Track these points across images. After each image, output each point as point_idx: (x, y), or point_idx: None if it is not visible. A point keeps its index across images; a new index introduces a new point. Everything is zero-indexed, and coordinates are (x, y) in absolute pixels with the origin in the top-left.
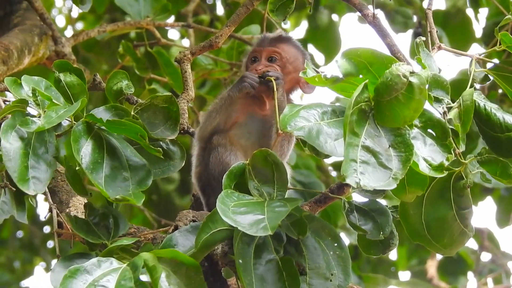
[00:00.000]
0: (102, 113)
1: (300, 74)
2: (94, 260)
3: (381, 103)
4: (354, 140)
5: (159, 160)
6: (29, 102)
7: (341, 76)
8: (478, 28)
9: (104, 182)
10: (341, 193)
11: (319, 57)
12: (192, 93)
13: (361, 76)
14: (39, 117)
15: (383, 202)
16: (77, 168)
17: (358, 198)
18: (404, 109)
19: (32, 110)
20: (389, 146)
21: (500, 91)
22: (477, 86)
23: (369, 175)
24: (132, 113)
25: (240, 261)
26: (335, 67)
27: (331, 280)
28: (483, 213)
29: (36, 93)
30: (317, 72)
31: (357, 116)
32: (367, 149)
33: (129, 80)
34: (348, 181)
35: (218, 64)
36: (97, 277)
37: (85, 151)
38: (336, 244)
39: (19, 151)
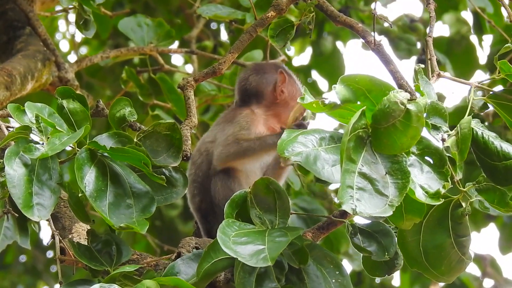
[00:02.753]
0: (105, 140)
1: (298, 100)
2: (97, 285)
3: (379, 130)
4: (350, 166)
5: (162, 187)
6: (32, 128)
7: (339, 102)
8: (483, 55)
9: (108, 210)
10: (344, 219)
11: (323, 83)
12: (195, 120)
13: (359, 102)
14: (43, 143)
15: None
16: (79, 194)
17: (361, 220)
18: (402, 136)
19: (35, 136)
20: (386, 173)
21: None
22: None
23: (365, 201)
24: (135, 140)
25: None
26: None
27: None
28: (486, 239)
29: (39, 120)
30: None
31: (354, 142)
32: (363, 175)
33: (132, 107)
34: (344, 207)
35: (221, 90)
36: None
37: (89, 178)
38: (338, 272)
39: (23, 178)
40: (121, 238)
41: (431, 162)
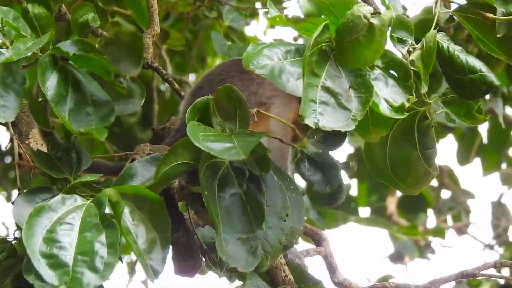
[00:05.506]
0: (68, 47)
1: (262, 14)
2: (58, 197)
3: (342, 44)
4: (313, 80)
5: (120, 97)
6: None
7: (302, 16)
8: None
9: (68, 115)
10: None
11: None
12: (157, 29)
13: (323, 16)
14: (7, 48)
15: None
16: (40, 100)
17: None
18: (365, 50)
19: None
20: (349, 87)
21: (466, 32)
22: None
23: (328, 115)
24: (96, 46)
25: (206, 192)
26: (297, 7)
27: (285, 221)
28: (444, 150)
29: (3, 23)
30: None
31: (317, 56)
32: (327, 89)
33: (95, 13)
34: (306, 121)
35: None
36: (62, 214)
37: (50, 84)
38: (292, 187)
39: None
40: (79, 145)
41: (396, 75)
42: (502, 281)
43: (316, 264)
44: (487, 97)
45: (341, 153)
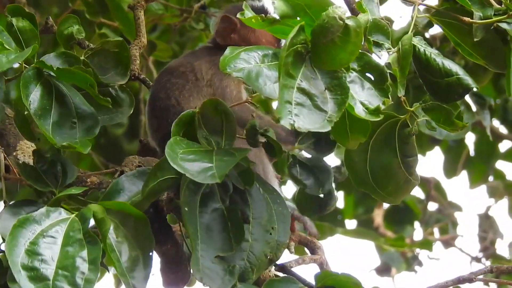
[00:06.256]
0: (52, 60)
1: (238, 15)
2: (43, 209)
3: (318, 46)
4: (289, 82)
5: (107, 107)
6: None
7: (278, 18)
8: None
9: (51, 128)
10: (294, 143)
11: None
12: (144, 40)
13: (298, 18)
14: None
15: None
16: (25, 112)
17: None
18: (341, 52)
19: None
20: (325, 88)
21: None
22: (427, 35)
23: (304, 117)
24: (83, 57)
25: (186, 209)
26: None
27: (271, 234)
28: (431, 163)
29: None
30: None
31: (293, 58)
32: (302, 91)
33: (80, 25)
34: (282, 122)
35: (168, 10)
36: (46, 227)
37: (34, 97)
38: (278, 201)
39: None
40: (66, 157)
41: (372, 78)
42: None
43: (311, 272)
44: (474, 109)
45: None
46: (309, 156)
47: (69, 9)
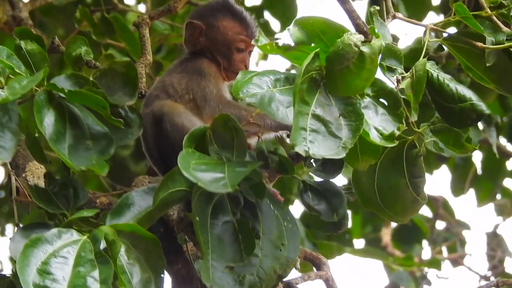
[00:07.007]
0: (62, 82)
1: (252, 42)
2: (54, 230)
3: (333, 72)
4: (304, 108)
5: (118, 128)
6: None
7: (293, 44)
8: None
9: (68, 152)
10: (300, 161)
11: (275, 24)
12: (150, 58)
13: (313, 44)
14: (2, 87)
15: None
16: (36, 135)
17: (313, 178)
18: (355, 78)
19: None
20: (340, 115)
21: (457, 61)
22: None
23: (318, 143)
24: (91, 78)
25: (197, 218)
26: (288, 35)
27: (280, 250)
28: (438, 181)
29: None
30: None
31: (308, 84)
32: (317, 117)
33: (88, 46)
34: (297, 149)
35: (174, 29)
36: (58, 247)
37: (48, 121)
38: (289, 218)
39: None
40: (76, 179)
41: (386, 104)
42: None
43: None
44: (481, 127)
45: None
46: (318, 179)
47: (75, 31)
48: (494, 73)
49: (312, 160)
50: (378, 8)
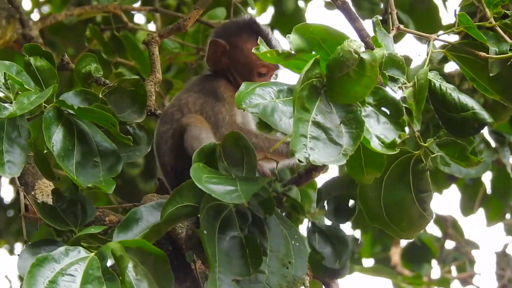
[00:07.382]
0: (71, 98)
1: (253, 50)
2: (62, 248)
3: (333, 80)
4: (304, 115)
5: (126, 145)
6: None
7: (293, 52)
8: (446, 15)
9: (75, 169)
10: (309, 178)
11: (285, 42)
12: (159, 76)
13: (313, 52)
14: (11, 102)
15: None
16: (45, 151)
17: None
18: (356, 85)
19: (1, 93)
20: (340, 122)
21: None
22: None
23: (319, 150)
24: (100, 95)
25: (205, 232)
26: (287, 43)
27: (287, 268)
28: (448, 201)
29: (6, 78)
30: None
31: (308, 91)
32: (317, 125)
33: (98, 63)
34: (297, 156)
35: (184, 48)
36: (65, 266)
37: (56, 138)
38: (296, 236)
39: None
40: (85, 196)
41: (388, 113)
42: None
43: None
44: (494, 145)
45: None
46: (328, 222)
47: (85, 49)
48: (498, 84)
49: (325, 202)
50: (381, 18)
